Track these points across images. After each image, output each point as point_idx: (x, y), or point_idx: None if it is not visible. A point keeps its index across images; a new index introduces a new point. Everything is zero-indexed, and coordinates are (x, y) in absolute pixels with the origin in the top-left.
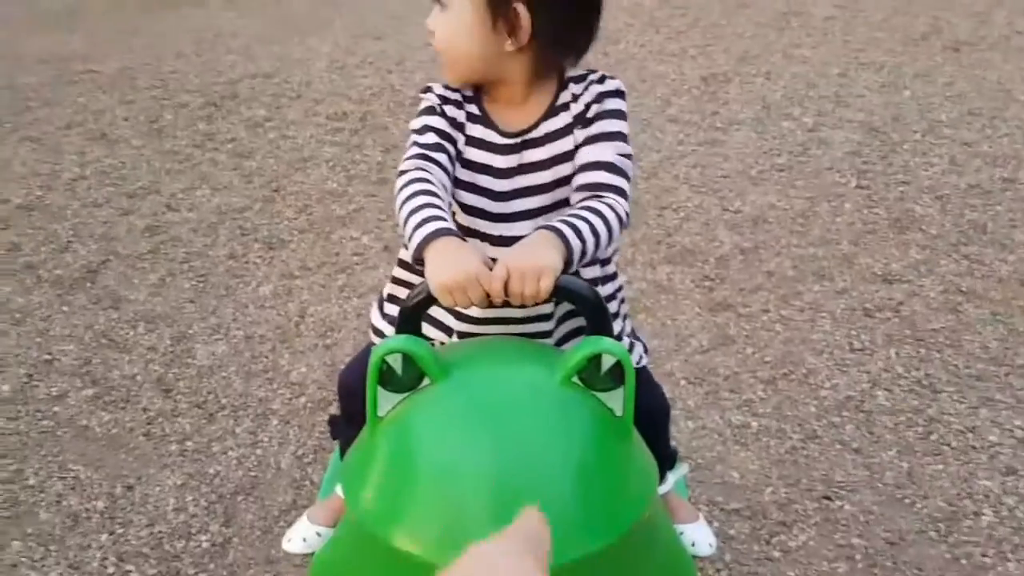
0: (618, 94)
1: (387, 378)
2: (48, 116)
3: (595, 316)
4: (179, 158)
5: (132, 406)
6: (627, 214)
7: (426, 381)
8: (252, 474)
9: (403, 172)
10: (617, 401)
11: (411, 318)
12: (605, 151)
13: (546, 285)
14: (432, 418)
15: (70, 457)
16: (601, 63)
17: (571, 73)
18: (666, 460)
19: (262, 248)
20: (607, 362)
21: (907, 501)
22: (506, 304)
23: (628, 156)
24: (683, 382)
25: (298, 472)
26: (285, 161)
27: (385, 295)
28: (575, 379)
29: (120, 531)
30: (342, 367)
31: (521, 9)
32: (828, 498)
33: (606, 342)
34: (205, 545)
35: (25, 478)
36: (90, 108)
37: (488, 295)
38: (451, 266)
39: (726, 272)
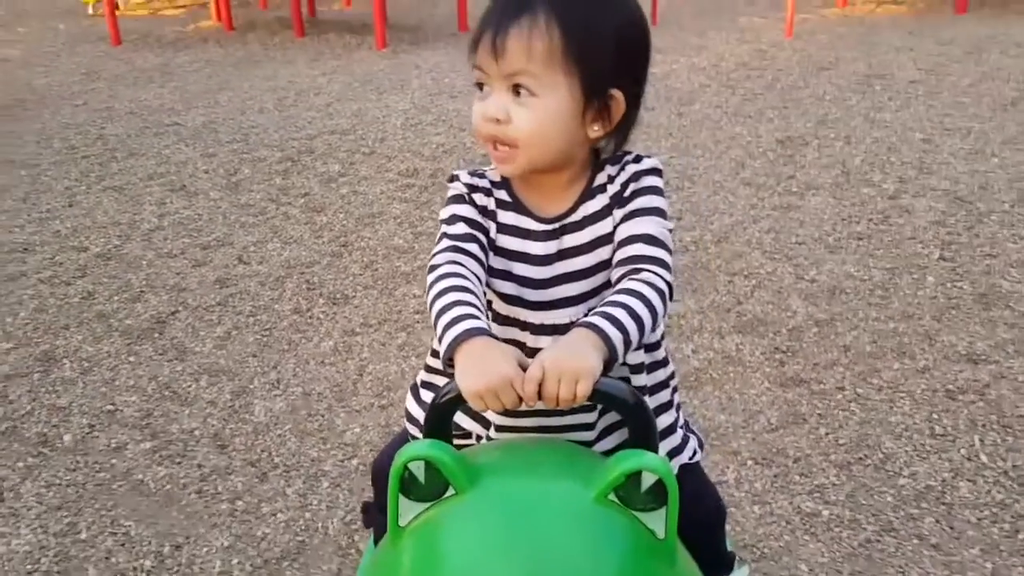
0: (654, 172)
1: (410, 486)
2: (132, 167)
3: (637, 424)
4: (254, 211)
5: (188, 461)
6: (670, 286)
7: (451, 490)
8: (299, 539)
9: (434, 267)
10: (659, 522)
11: (439, 418)
12: (643, 225)
13: (583, 389)
14: (456, 533)
15: (123, 512)
16: (675, 124)
17: (606, 155)
18: (722, 565)
19: (326, 303)
20: (648, 479)
21: None
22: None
23: (668, 231)
24: (750, 462)
25: (345, 539)
26: (355, 216)
27: (419, 382)
28: (612, 496)
29: None
30: (378, 453)
31: (617, 94)
32: None
33: (647, 458)
34: None
35: (78, 531)
36: (172, 160)
37: (521, 398)
38: (482, 370)
39: (799, 345)
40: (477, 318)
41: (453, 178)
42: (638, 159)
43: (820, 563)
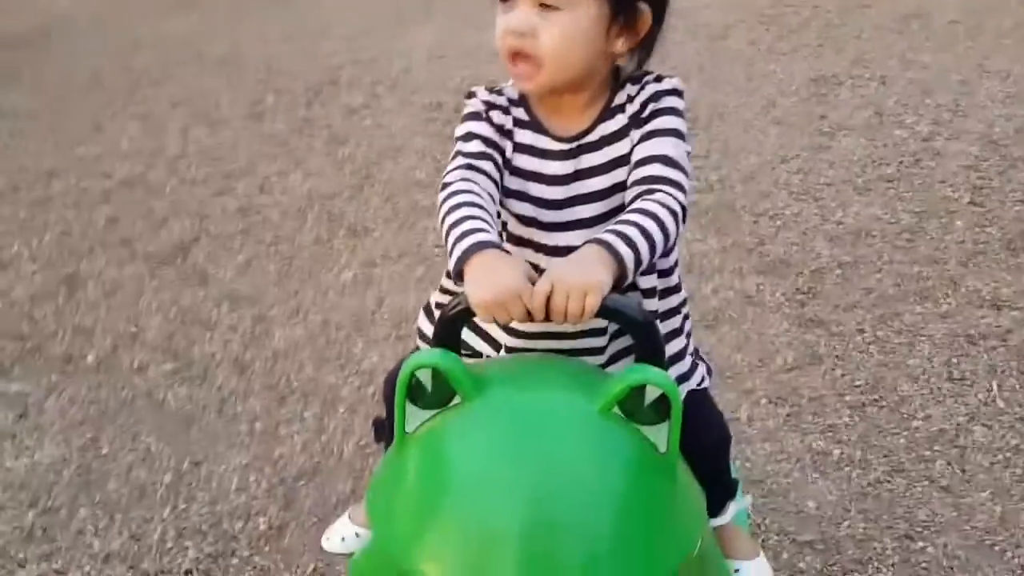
0: (675, 92)
1: (417, 393)
2: (156, 95)
3: (645, 340)
4: (276, 141)
5: (208, 383)
6: (683, 208)
7: (458, 399)
8: (315, 460)
9: (447, 184)
10: (661, 436)
11: (449, 330)
12: (660, 145)
13: (592, 303)
14: (461, 439)
15: (144, 429)
16: (706, 60)
17: (627, 74)
18: (726, 490)
19: (347, 235)
20: (652, 393)
21: (997, 548)
22: (548, 321)
23: (686, 152)
24: (763, 401)
25: (359, 462)
26: (377, 149)
27: (433, 302)
28: (616, 409)
29: (183, 507)
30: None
31: (644, 7)
32: (910, 537)
33: (652, 372)
34: (263, 528)
35: (100, 446)
36: (196, 89)
37: (529, 312)
38: (490, 282)
39: (821, 286)
40: (488, 232)
41: (471, 95)
42: (659, 79)
43: (828, 501)
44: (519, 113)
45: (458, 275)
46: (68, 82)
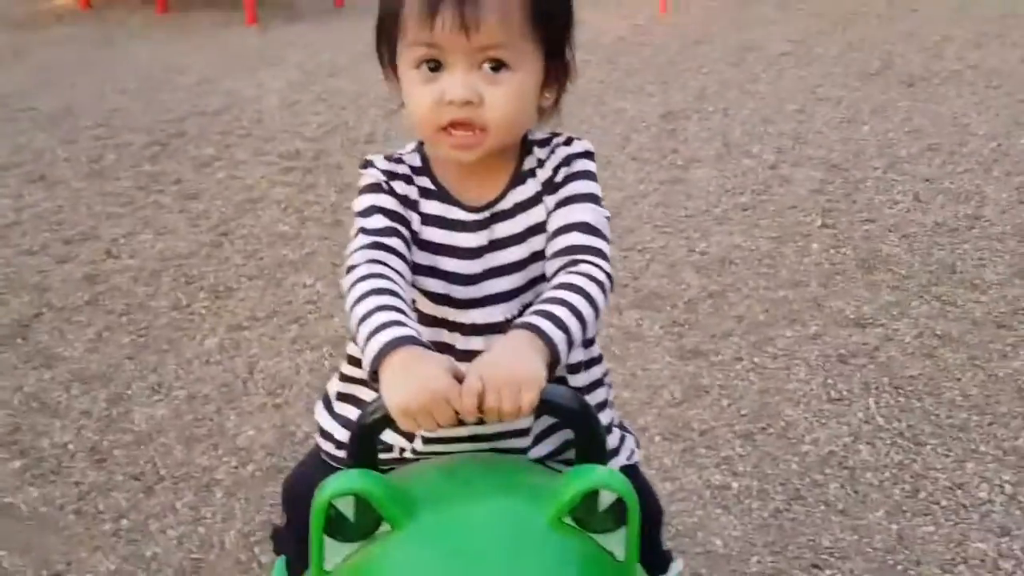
0: (587, 155)
1: (336, 525)
2: None
3: (586, 435)
4: (121, 201)
5: (63, 479)
6: (609, 277)
7: (385, 526)
8: (194, 556)
9: (352, 267)
10: (618, 544)
11: (365, 442)
12: (578, 212)
13: (529, 400)
14: (394, 573)
15: None
16: (562, 100)
17: (534, 136)
18: (660, 564)
19: (208, 297)
20: (607, 498)
21: (900, 568)
22: (480, 422)
23: (605, 217)
24: (657, 438)
25: (244, 553)
26: (234, 203)
27: (333, 393)
28: (567, 519)
29: None
30: (289, 469)
31: (569, 56)
32: (817, 566)
33: (605, 475)
34: None
35: None
36: (29, 148)
37: (458, 414)
38: (412, 385)
39: (695, 317)
40: (404, 324)
41: (367, 164)
42: (568, 141)
43: (733, 536)
44: (423, 182)
45: (373, 376)
46: None
